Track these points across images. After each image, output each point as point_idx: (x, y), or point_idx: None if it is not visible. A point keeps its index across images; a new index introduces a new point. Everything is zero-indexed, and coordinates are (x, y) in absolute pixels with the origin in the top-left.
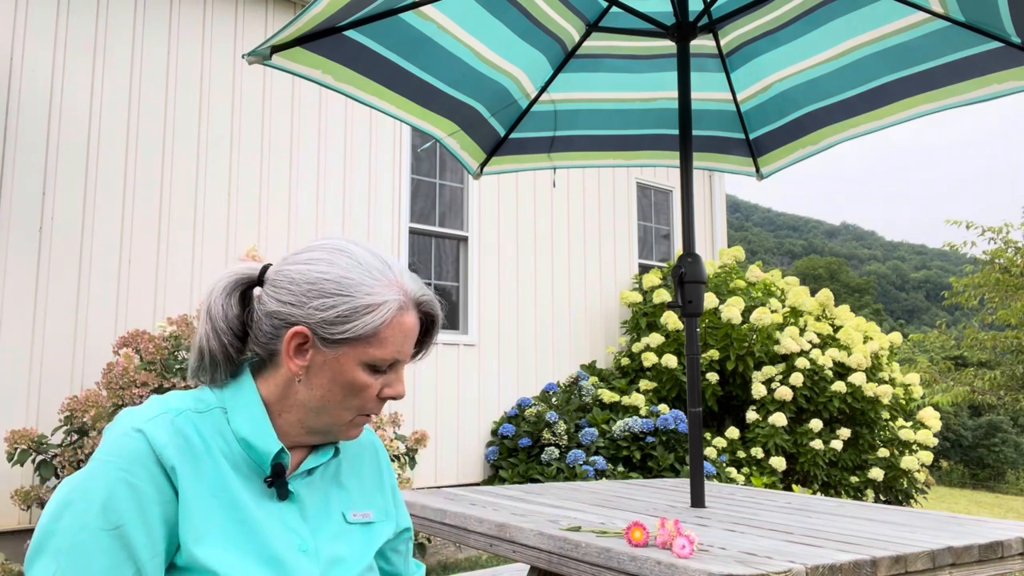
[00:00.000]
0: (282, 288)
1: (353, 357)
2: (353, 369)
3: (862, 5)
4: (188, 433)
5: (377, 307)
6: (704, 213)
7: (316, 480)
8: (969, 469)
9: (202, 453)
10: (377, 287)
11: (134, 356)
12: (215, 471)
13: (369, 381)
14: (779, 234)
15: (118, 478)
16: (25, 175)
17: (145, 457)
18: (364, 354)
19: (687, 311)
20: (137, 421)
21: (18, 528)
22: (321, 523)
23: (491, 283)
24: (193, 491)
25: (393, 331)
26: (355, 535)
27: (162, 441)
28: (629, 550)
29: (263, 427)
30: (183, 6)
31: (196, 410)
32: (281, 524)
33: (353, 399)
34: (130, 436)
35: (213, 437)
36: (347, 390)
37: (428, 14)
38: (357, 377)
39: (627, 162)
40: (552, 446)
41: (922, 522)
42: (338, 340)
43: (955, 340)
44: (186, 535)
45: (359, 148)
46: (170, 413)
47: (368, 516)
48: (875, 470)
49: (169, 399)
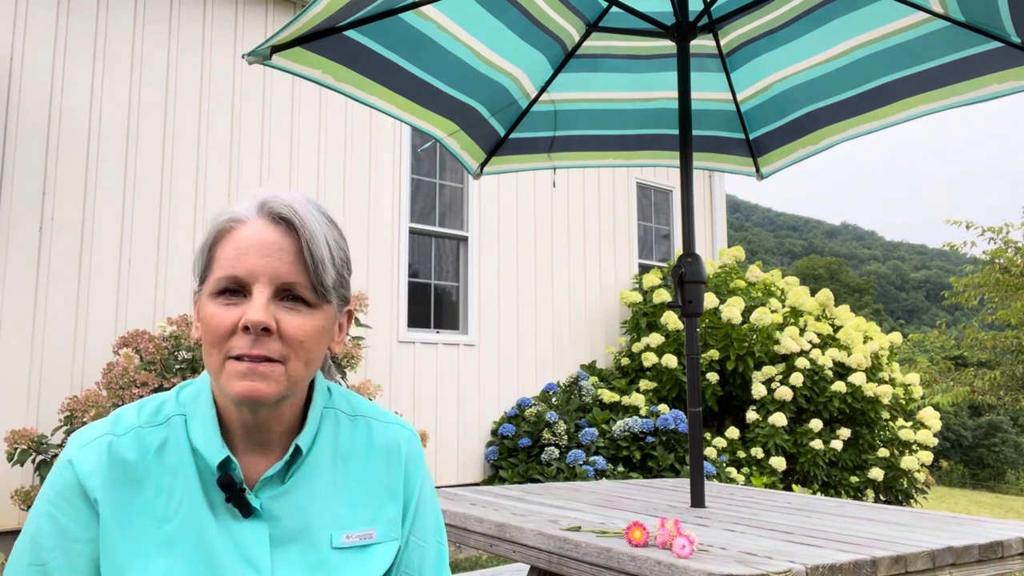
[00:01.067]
0: None
1: (205, 294)
2: (206, 305)
3: (862, 5)
4: (128, 456)
5: (217, 225)
6: (704, 213)
7: (294, 490)
8: (969, 469)
9: (144, 477)
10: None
11: (134, 356)
12: (159, 496)
13: (215, 311)
14: (779, 234)
15: (46, 512)
16: (25, 175)
17: (71, 490)
18: (209, 285)
19: (687, 311)
20: (73, 448)
21: (18, 528)
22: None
23: (491, 283)
24: (120, 526)
25: (224, 249)
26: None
27: (88, 471)
28: (629, 550)
29: (209, 431)
30: (183, 6)
31: (152, 423)
32: (235, 553)
33: (208, 336)
34: (62, 466)
35: (167, 453)
36: (204, 331)
37: (428, 14)
38: (207, 311)
39: (627, 162)
40: (552, 446)
41: (922, 522)
42: (199, 285)
43: (955, 340)
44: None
45: (359, 148)
46: (116, 433)
47: (371, 536)
48: (875, 470)
49: (123, 415)
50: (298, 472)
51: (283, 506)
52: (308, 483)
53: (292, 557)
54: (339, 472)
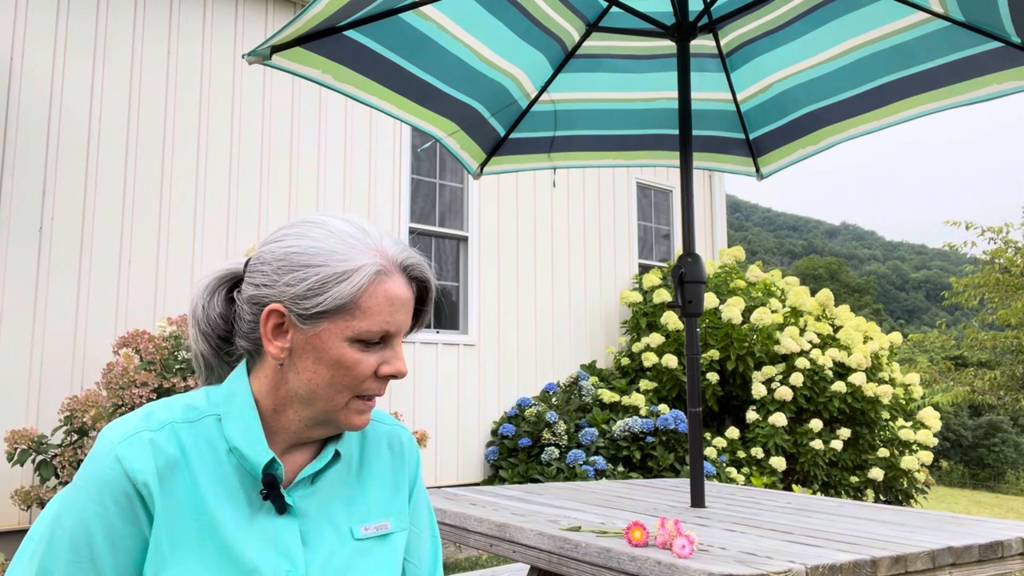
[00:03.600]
0: (256, 271)
1: (335, 332)
2: (337, 345)
3: (862, 5)
4: (169, 451)
5: (351, 274)
6: (704, 213)
7: (321, 489)
8: (969, 469)
9: (183, 472)
10: (351, 253)
11: (134, 356)
12: (196, 491)
13: (358, 357)
14: (779, 234)
15: (88, 509)
16: (25, 175)
17: (117, 486)
18: (347, 328)
19: (687, 311)
20: (114, 442)
21: (18, 528)
22: (323, 542)
23: (491, 283)
24: (166, 518)
25: (376, 299)
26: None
27: (137, 466)
28: (629, 550)
29: (254, 434)
30: (183, 6)
31: (186, 420)
32: (271, 547)
33: (343, 379)
34: (104, 461)
35: (201, 450)
36: (335, 370)
37: (428, 14)
38: (344, 354)
39: (627, 162)
40: (552, 446)
41: (922, 522)
42: (314, 315)
43: (955, 340)
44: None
45: (359, 148)
46: (151, 429)
47: (385, 527)
48: (875, 470)
49: (155, 410)
50: (326, 473)
51: (312, 504)
52: (331, 482)
53: (320, 550)
54: (357, 469)
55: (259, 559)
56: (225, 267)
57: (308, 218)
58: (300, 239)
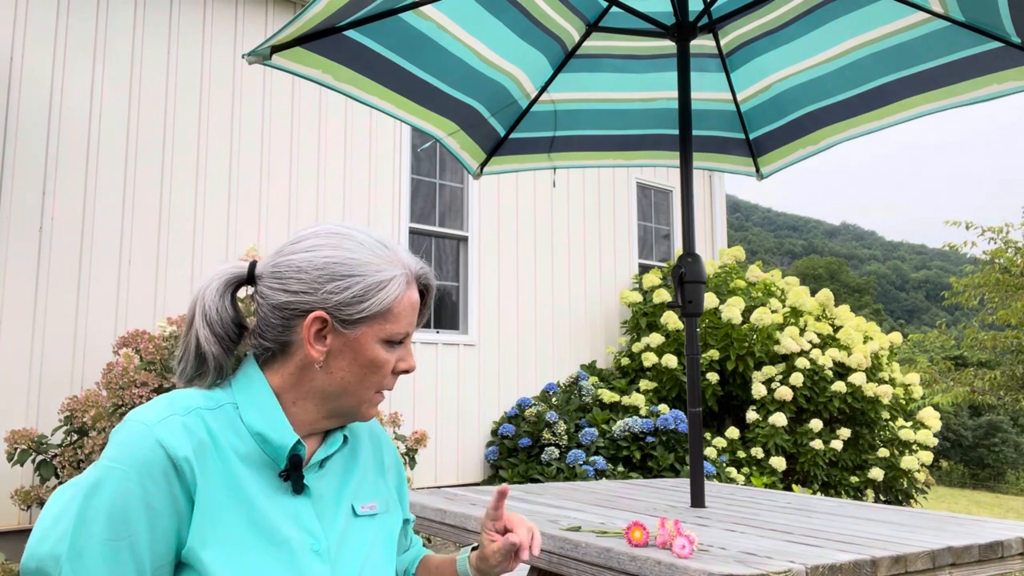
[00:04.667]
0: (289, 278)
1: (371, 335)
2: (372, 347)
3: (862, 5)
4: (199, 433)
5: (388, 283)
6: (704, 213)
7: (328, 472)
8: (969, 469)
9: (213, 453)
10: (383, 264)
11: (134, 356)
12: (227, 470)
13: (387, 357)
14: (779, 234)
15: (127, 489)
16: (25, 175)
17: (158, 466)
18: (382, 331)
19: (687, 311)
20: (150, 425)
21: (18, 528)
22: (333, 518)
23: (491, 283)
24: (205, 494)
25: (404, 305)
26: (365, 528)
27: (177, 445)
28: (629, 550)
29: (278, 419)
30: (183, 6)
31: (207, 407)
32: (294, 523)
33: (372, 376)
34: (144, 443)
35: (225, 434)
36: (367, 369)
37: (428, 14)
38: (377, 354)
39: (627, 162)
40: (552, 446)
41: (922, 522)
42: (356, 320)
43: (955, 340)
44: (194, 539)
45: (359, 148)
46: (179, 414)
47: (374, 508)
48: (875, 470)
49: (177, 398)
50: (332, 458)
51: (321, 485)
52: (336, 466)
53: (333, 527)
54: (353, 456)
55: (288, 533)
56: (231, 270)
57: (332, 229)
58: (336, 250)
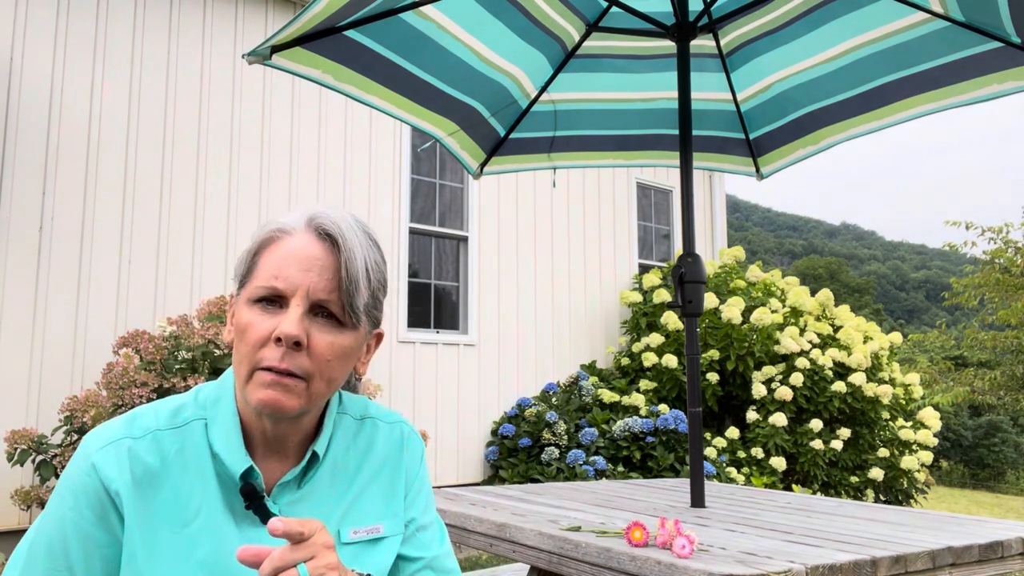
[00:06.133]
0: None
1: (243, 299)
2: (241, 311)
3: (862, 5)
4: (148, 460)
5: (260, 238)
6: (704, 213)
7: (309, 494)
8: (969, 469)
9: (162, 481)
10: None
11: (134, 356)
12: (176, 502)
13: (251, 319)
14: (779, 234)
15: (65, 516)
16: (25, 175)
17: (92, 493)
18: (248, 290)
19: (687, 311)
20: (91, 450)
21: (18, 528)
22: None
23: (491, 283)
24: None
25: (270, 254)
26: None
27: (112, 474)
28: (629, 550)
29: (232, 438)
30: (183, 6)
31: (171, 426)
32: None
33: (241, 346)
34: (82, 467)
35: (186, 457)
36: (240, 338)
37: (428, 14)
38: (241, 317)
39: (627, 162)
40: (552, 446)
41: (922, 522)
42: (238, 288)
43: (955, 340)
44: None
45: (359, 148)
46: (132, 436)
47: (378, 531)
48: (875, 470)
49: (139, 417)
50: (313, 477)
51: (299, 510)
52: (321, 486)
53: None
54: (349, 473)
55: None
56: None
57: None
58: None
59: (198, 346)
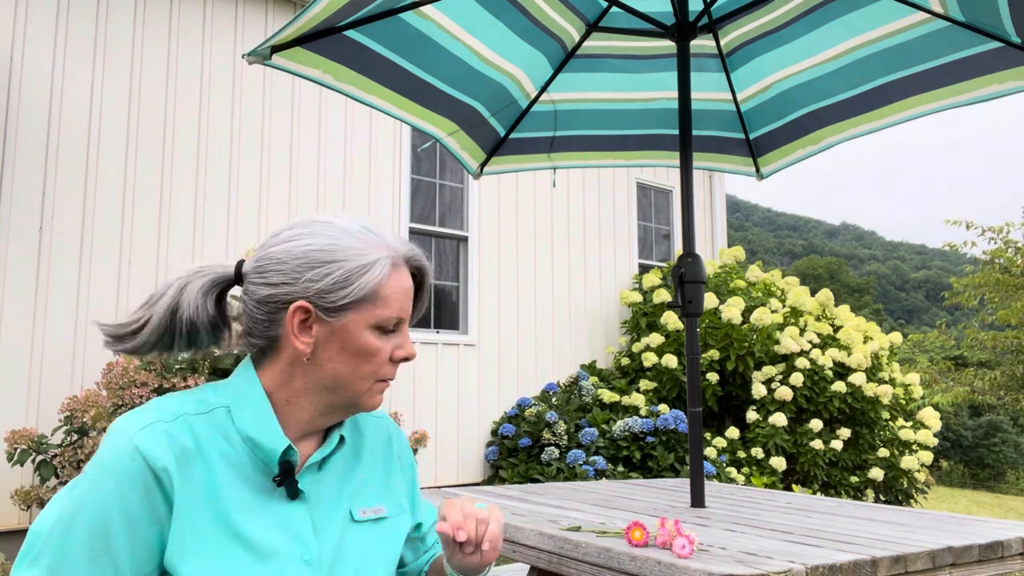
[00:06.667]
0: (269, 271)
1: (359, 322)
2: (362, 334)
3: (862, 5)
4: (183, 441)
5: (371, 265)
6: (704, 213)
7: (327, 474)
8: (969, 469)
9: (197, 461)
10: (367, 248)
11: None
12: (212, 478)
13: (379, 344)
14: (779, 234)
15: (107, 499)
16: (25, 175)
17: (138, 475)
18: (371, 316)
19: (687, 311)
20: (131, 433)
21: (18, 528)
22: (328, 524)
23: (491, 283)
24: (185, 504)
25: (393, 287)
26: (364, 535)
27: (156, 454)
28: (629, 550)
29: (268, 423)
30: (183, 6)
31: (196, 412)
32: (285, 532)
33: (365, 366)
34: (123, 451)
35: (214, 439)
36: (358, 357)
37: (428, 14)
38: (367, 342)
39: (627, 162)
40: (552, 446)
41: (922, 522)
42: (341, 307)
43: (955, 340)
44: (172, 552)
45: (359, 148)
46: (164, 420)
47: (380, 511)
48: (875, 470)
49: (166, 403)
50: (332, 460)
51: (319, 489)
52: (337, 468)
53: (329, 533)
54: (355, 457)
55: (276, 543)
56: (216, 270)
57: (314, 218)
58: (316, 237)
59: None
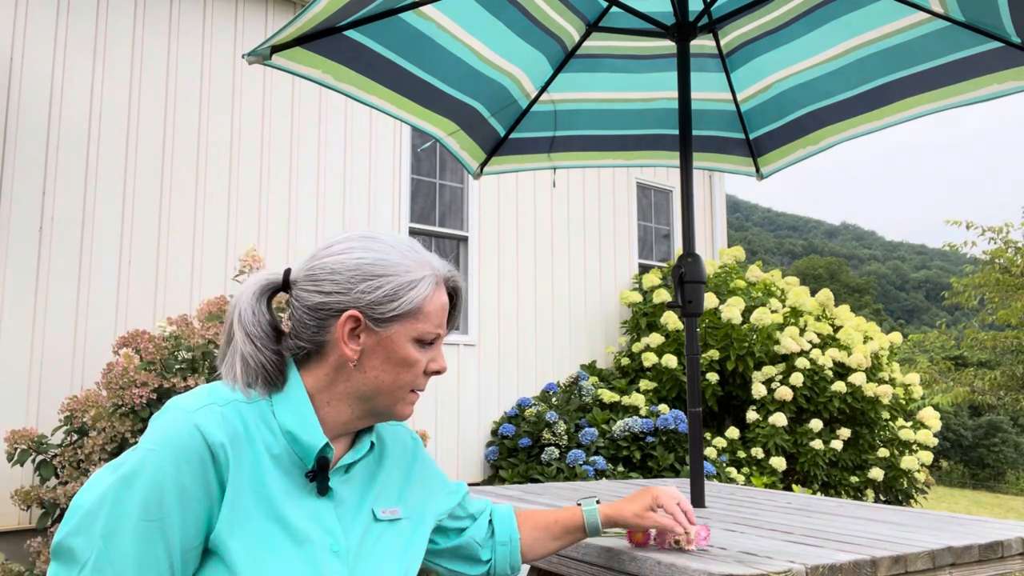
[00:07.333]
0: (323, 280)
1: (403, 334)
2: (404, 345)
3: (862, 5)
4: (235, 424)
5: (418, 282)
6: (704, 213)
7: (353, 477)
8: (969, 469)
9: (246, 446)
10: (413, 266)
11: (134, 356)
12: (256, 464)
13: (418, 356)
14: (779, 234)
15: (165, 472)
16: (25, 175)
17: (194, 451)
18: (413, 329)
19: (687, 311)
20: (189, 411)
21: (18, 528)
22: (353, 521)
23: (491, 283)
24: (236, 483)
25: (435, 304)
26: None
27: (214, 432)
28: (629, 550)
29: (309, 420)
30: (183, 6)
31: (244, 400)
32: (316, 523)
33: (405, 376)
34: (183, 427)
35: (259, 428)
36: (399, 367)
37: (428, 14)
38: (409, 353)
39: (627, 162)
40: (552, 446)
41: (922, 522)
42: (389, 318)
43: (955, 340)
44: (223, 526)
45: (359, 148)
46: (218, 403)
47: (395, 513)
48: (875, 470)
49: (217, 389)
50: (361, 462)
51: (346, 490)
52: (363, 470)
53: (353, 531)
54: (378, 462)
55: (309, 531)
56: (267, 276)
57: (364, 233)
58: (367, 252)
59: (198, 346)
